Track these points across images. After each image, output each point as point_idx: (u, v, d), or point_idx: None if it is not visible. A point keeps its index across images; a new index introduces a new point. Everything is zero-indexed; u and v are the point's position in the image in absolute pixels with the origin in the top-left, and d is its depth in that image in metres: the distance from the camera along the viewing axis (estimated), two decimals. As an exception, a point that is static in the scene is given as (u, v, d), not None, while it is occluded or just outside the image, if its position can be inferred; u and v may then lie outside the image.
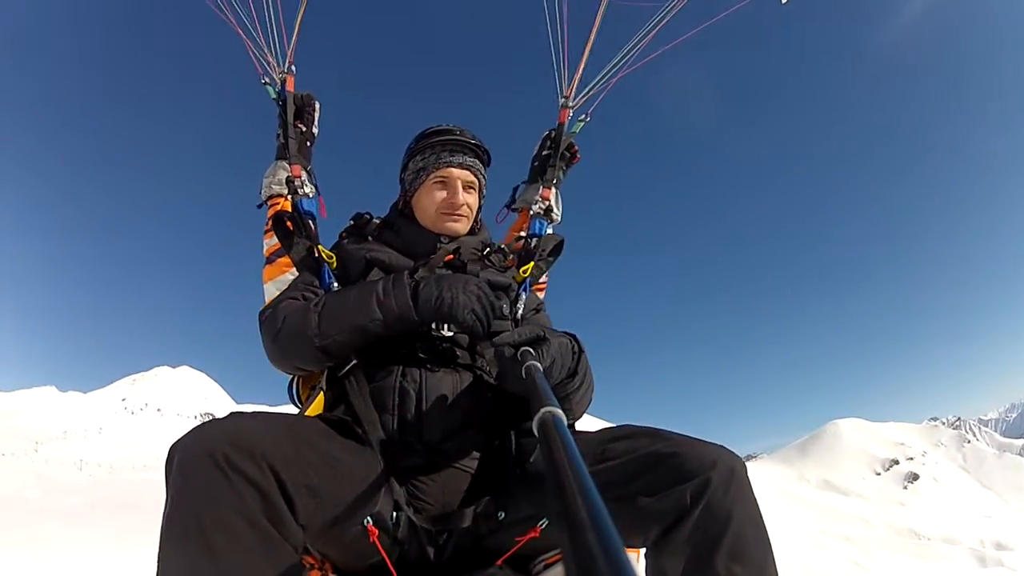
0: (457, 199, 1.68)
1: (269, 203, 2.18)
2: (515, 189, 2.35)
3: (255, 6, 2.28)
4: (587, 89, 2.38)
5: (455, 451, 1.35)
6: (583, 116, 2.40)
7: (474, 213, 1.77)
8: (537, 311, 1.79)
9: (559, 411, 0.65)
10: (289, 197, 2.02)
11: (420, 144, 1.74)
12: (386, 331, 1.40)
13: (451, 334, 1.45)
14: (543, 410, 0.65)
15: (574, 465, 0.50)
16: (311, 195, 2.00)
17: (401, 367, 1.41)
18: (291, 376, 1.61)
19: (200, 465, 0.88)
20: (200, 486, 0.87)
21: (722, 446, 1.14)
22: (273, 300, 1.63)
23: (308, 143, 2.24)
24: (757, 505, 1.10)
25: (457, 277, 1.45)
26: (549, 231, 2.19)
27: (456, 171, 1.70)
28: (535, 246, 2.01)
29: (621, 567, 0.36)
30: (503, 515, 1.29)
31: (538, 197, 2.25)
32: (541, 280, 2.15)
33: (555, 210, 2.29)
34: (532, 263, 1.89)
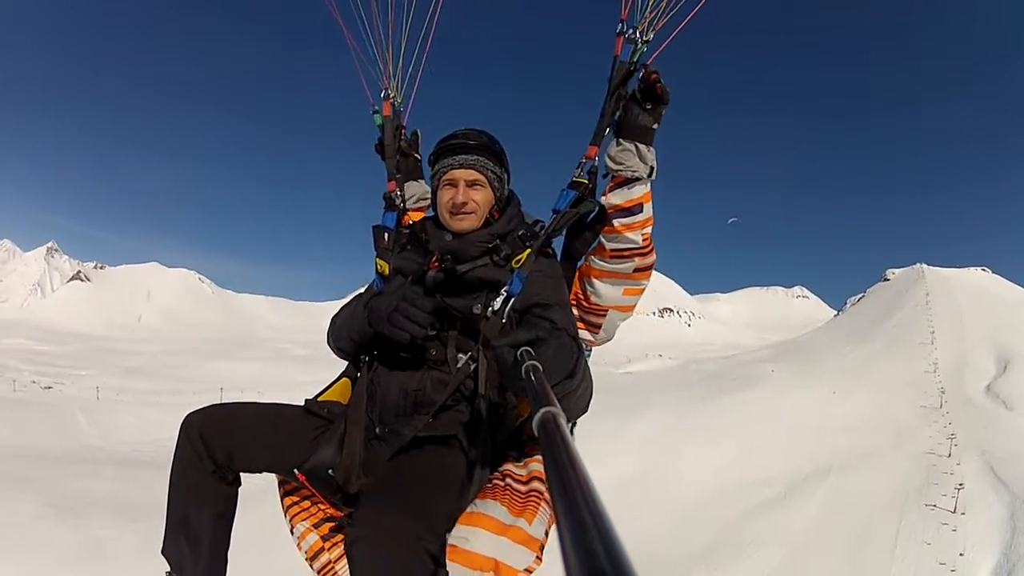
0: (458, 198, 1.79)
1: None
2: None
3: (376, 36, 2.35)
4: (645, 8, 1.90)
5: (399, 432, 1.66)
6: (646, 36, 1.92)
7: (483, 208, 1.82)
8: (545, 307, 1.68)
9: (559, 411, 0.66)
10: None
11: (434, 154, 1.88)
12: (361, 339, 1.77)
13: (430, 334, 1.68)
14: (543, 410, 0.66)
15: (575, 465, 0.50)
16: (400, 206, 2.21)
17: (377, 363, 1.78)
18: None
19: (180, 431, 1.72)
20: (179, 441, 1.72)
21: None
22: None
23: (407, 156, 2.39)
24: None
25: (391, 292, 1.69)
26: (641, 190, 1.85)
27: (458, 171, 1.80)
28: (547, 227, 1.86)
29: (623, 568, 0.37)
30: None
31: (582, 159, 1.94)
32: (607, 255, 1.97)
33: (619, 163, 1.89)
34: (527, 251, 1.76)
